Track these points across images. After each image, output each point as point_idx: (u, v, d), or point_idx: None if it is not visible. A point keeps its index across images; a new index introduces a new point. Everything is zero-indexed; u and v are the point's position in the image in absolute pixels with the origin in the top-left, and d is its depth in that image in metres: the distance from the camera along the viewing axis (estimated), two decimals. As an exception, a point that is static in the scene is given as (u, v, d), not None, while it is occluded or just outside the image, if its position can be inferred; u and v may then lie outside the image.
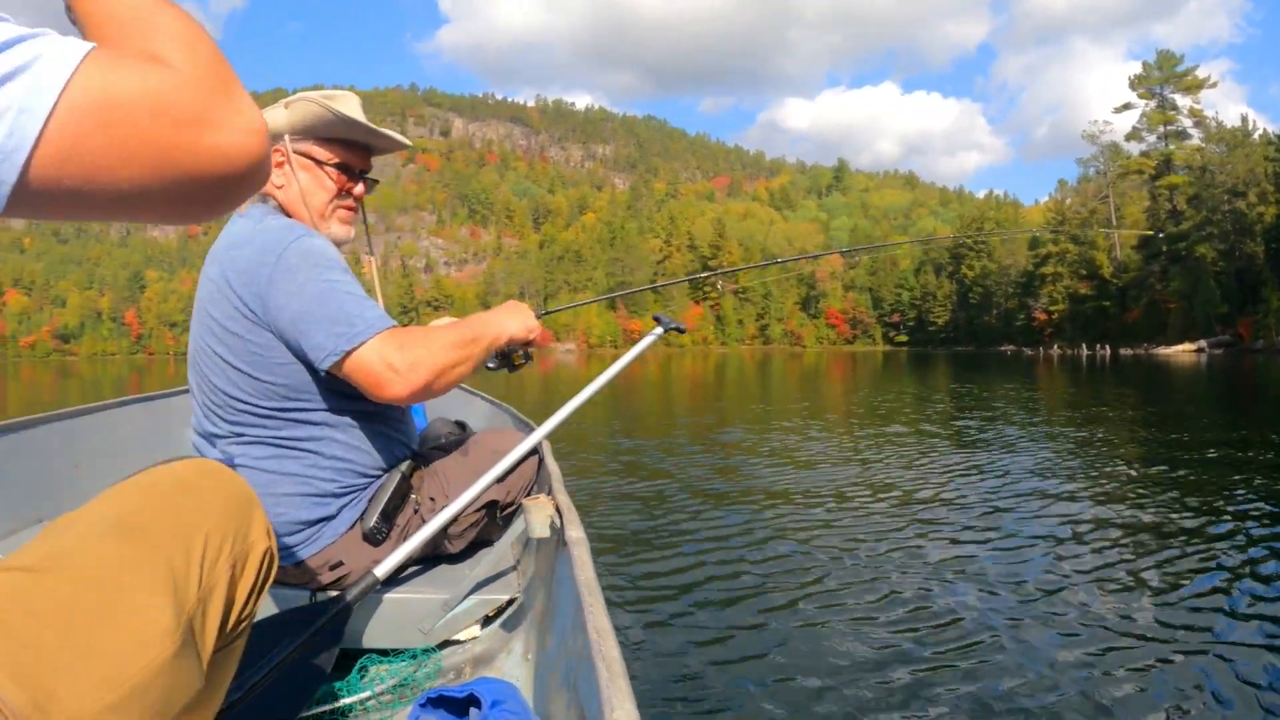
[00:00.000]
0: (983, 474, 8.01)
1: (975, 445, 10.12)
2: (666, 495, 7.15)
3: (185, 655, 0.98)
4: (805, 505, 6.67)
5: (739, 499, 6.98)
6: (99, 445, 3.47)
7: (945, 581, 4.57)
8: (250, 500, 1.23)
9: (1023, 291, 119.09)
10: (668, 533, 5.79)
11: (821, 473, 8.31)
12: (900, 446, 10.21)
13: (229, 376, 2.02)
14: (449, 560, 2.33)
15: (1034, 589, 4.36)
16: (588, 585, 1.40)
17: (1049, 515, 6.12)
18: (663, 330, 2.41)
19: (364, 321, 1.91)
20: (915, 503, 6.78)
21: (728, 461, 9.26)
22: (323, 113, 2.10)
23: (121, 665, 0.89)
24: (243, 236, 2.04)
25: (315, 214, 2.18)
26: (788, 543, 5.40)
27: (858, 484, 7.71)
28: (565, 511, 1.86)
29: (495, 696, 1.50)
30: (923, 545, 5.34)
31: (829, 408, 17.51)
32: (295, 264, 1.94)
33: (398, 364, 1.89)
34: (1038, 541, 5.36)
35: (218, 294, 2.01)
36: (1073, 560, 4.89)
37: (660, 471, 8.41)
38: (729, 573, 4.78)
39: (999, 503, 6.63)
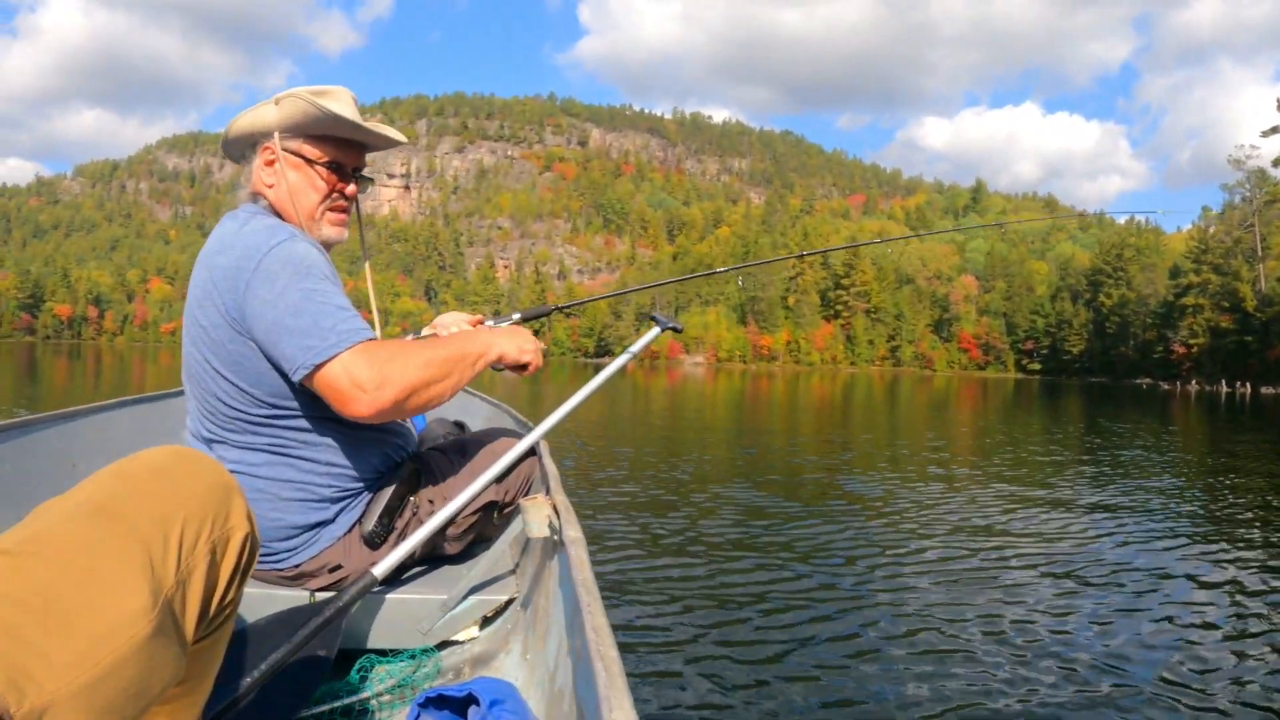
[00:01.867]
0: (1086, 525, 7.21)
1: (1093, 492, 9.08)
2: (674, 499, 7.32)
3: (163, 637, 0.99)
4: (839, 517, 6.81)
5: (771, 509, 7.08)
6: (97, 445, 3.47)
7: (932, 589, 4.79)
8: (229, 486, 1.23)
9: (1161, 323, 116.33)
10: (667, 533, 5.97)
11: (863, 488, 8.58)
12: (999, 481, 9.90)
13: (218, 383, 1.97)
14: (447, 561, 2.34)
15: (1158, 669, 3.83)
16: (586, 585, 1.40)
17: (1176, 581, 5.44)
18: (660, 330, 2.46)
19: (336, 334, 1.84)
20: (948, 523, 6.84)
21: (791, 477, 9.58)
22: (311, 109, 2.04)
23: (96, 645, 0.90)
24: (228, 239, 1.98)
25: (305, 215, 2.12)
26: (793, 553, 5.52)
27: (880, 498, 8.01)
28: (563, 511, 1.85)
29: (494, 696, 1.50)
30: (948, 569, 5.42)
31: (904, 433, 17.72)
32: (274, 270, 1.88)
33: (364, 381, 1.82)
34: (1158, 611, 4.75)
35: (205, 299, 1.96)
36: (1204, 630, 4.44)
37: (672, 476, 8.74)
38: (729, 573, 4.89)
39: (1110, 562, 5.93)
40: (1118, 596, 5.02)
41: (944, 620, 4.34)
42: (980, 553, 5.93)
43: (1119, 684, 3.60)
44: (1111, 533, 6.93)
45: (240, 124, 2.12)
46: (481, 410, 4.69)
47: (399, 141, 2.28)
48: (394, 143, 2.25)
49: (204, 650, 1.17)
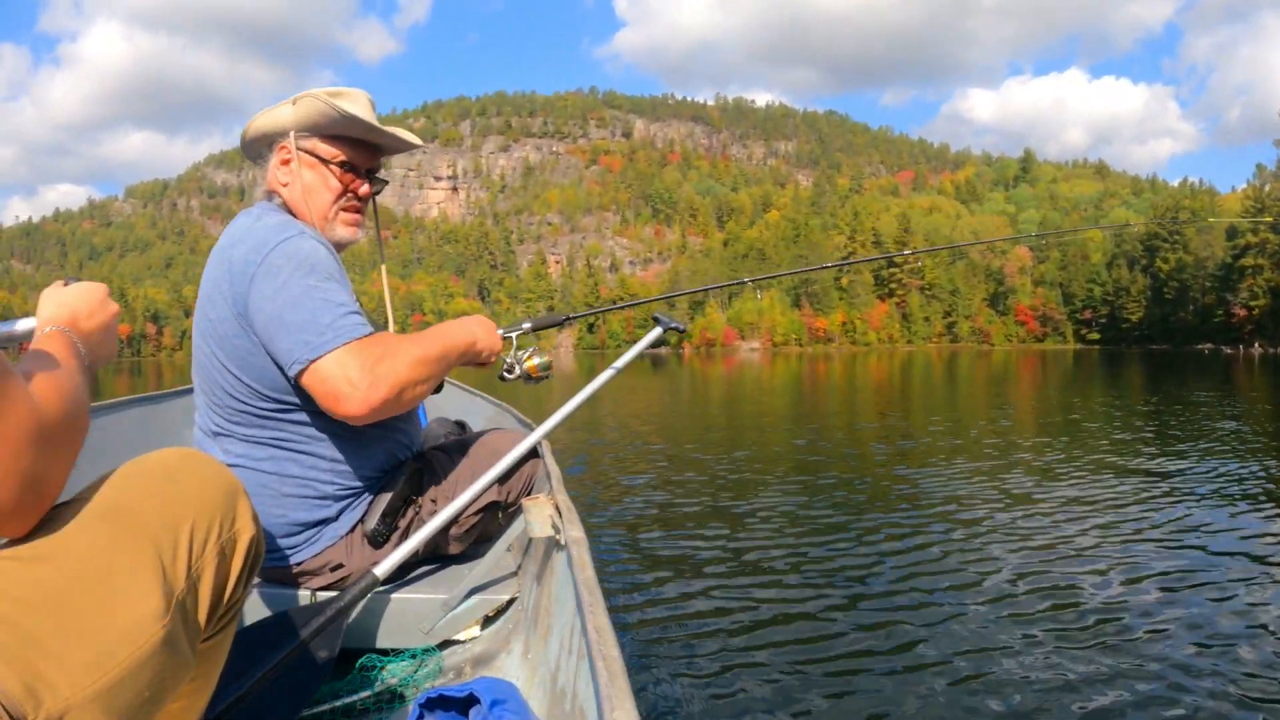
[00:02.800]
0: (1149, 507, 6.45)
1: (1184, 478, 7.79)
2: (683, 496, 7.11)
3: (176, 639, 0.99)
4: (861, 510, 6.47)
5: (773, 501, 6.85)
6: (99, 445, 3.35)
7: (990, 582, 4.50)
8: (235, 488, 1.23)
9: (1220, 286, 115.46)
10: (669, 532, 5.78)
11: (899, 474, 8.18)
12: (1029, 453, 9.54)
13: (224, 377, 1.98)
14: (449, 560, 2.34)
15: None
16: (587, 585, 1.40)
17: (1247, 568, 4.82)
18: (662, 330, 2.43)
19: (332, 331, 1.83)
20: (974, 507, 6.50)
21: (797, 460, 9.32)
22: (327, 110, 2.05)
23: (113, 649, 0.91)
24: (239, 234, 1.99)
25: (318, 214, 2.14)
26: (813, 553, 5.21)
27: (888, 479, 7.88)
28: (565, 511, 1.84)
29: (495, 696, 1.50)
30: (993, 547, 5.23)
31: (955, 408, 17.15)
32: (278, 265, 1.88)
33: (357, 379, 1.81)
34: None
35: (215, 293, 1.97)
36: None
37: (683, 471, 8.49)
38: (729, 574, 4.74)
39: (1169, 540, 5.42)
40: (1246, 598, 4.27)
41: (988, 639, 3.75)
42: (1061, 564, 4.94)
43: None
44: (1231, 527, 5.79)
45: (258, 124, 2.15)
46: (484, 410, 4.67)
47: (415, 145, 2.30)
48: (410, 146, 2.27)
49: (210, 649, 1.17)
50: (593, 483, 7.78)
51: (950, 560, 5.02)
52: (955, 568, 4.88)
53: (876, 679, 3.30)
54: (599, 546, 5.29)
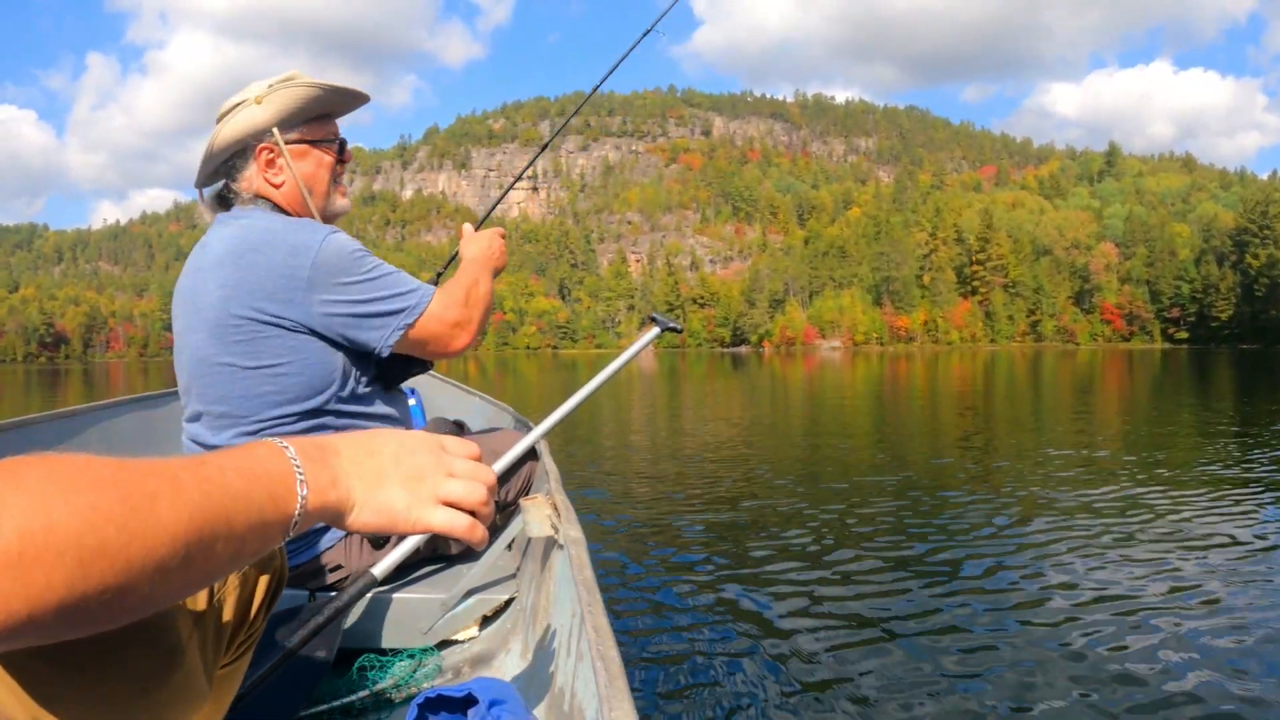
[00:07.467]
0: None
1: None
2: (682, 493, 7.11)
3: (193, 670, 0.96)
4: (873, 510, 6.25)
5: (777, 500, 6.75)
6: (96, 446, 3.41)
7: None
8: None
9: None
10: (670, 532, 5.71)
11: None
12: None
13: (229, 385, 1.96)
14: (447, 560, 2.34)
15: None
16: (586, 585, 1.39)
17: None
18: (660, 330, 2.43)
19: (416, 294, 2.00)
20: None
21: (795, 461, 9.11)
22: (311, 91, 2.05)
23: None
24: (258, 240, 1.95)
25: (320, 197, 2.15)
26: (825, 556, 4.99)
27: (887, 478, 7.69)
28: (563, 511, 1.84)
29: (493, 696, 1.49)
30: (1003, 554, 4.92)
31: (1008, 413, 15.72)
32: (335, 264, 1.92)
33: (457, 319, 2.05)
34: None
35: (229, 300, 1.93)
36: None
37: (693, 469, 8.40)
38: (730, 574, 4.67)
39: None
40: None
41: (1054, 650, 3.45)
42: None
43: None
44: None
45: (227, 134, 2.05)
46: (482, 410, 4.68)
47: (363, 96, 2.23)
48: (361, 97, 2.23)
49: (225, 677, 1.15)
50: (592, 483, 7.75)
51: (988, 580, 4.47)
52: (994, 589, 4.32)
53: (883, 680, 3.22)
54: (597, 546, 5.23)
